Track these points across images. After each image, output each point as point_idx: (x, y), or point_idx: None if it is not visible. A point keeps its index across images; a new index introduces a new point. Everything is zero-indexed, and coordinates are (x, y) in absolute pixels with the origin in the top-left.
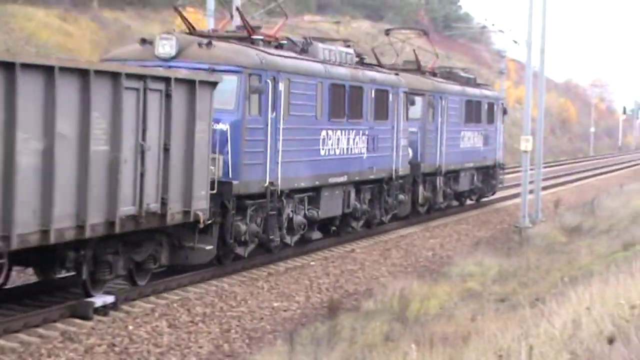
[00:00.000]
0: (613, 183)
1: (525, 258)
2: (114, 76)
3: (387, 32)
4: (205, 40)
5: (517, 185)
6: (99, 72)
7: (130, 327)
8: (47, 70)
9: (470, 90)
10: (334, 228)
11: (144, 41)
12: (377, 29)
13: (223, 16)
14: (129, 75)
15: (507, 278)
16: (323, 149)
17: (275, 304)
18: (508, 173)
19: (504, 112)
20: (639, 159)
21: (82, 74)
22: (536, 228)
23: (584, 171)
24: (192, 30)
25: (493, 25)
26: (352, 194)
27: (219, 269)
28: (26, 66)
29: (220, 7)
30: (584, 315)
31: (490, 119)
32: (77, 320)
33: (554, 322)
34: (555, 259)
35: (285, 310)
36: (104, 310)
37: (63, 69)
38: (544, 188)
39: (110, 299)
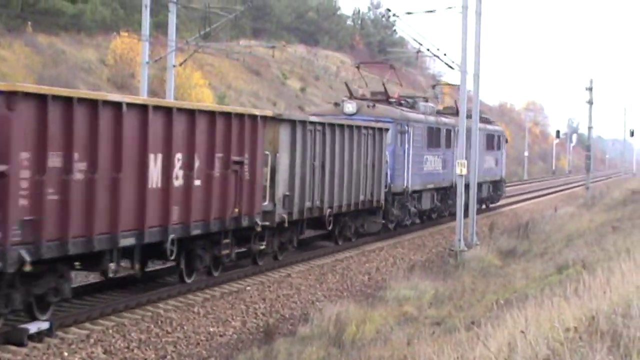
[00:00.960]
0: (547, 207)
1: (460, 281)
2: (369, 128)
3: (358, 66)
4: (371, 104)
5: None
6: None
7: (65, 354)
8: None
9: (490, 127)
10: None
11: (336, 104)
12: (312, 54)
13: (157, 41)
14: (366, 128)
15: (443, 301)
16: (425, 167)
17: (212, 329)
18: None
19: (505, 141)
20: (572, 182)
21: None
22: (471, 251)
23: (518, 195)
24: (351, 95)
25: (428, 50)
26: (435, 196)
27: (155, 294)
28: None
29: (154, 32)
30: (519, 339)
31: (499, 147)
32: (12, 347)
33: (490, 345)
34: (490, 282)
35: (221, 336)
36: (38, 336)
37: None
38: (479, 212)
39: (45, 325)
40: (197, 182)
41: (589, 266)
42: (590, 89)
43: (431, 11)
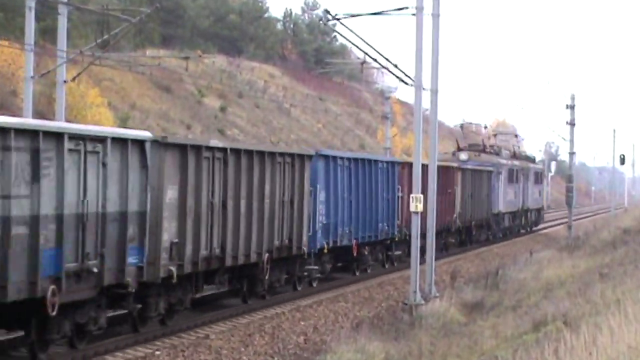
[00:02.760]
0: (521, 250)
1: (416, 342)
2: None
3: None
4: (477, 153)
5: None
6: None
7: None
8: None
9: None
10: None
11: (453, 153)
12: (234, 66)
13: (45, 51)
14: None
15: None
16: (507, 197)
17: None
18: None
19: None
20: (551, 220)
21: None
22: (430, 305)
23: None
24: (458, 147)
25: (375, 60)
26: (511, 217)
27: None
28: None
29: (41, 40)
30: None
31: (541, 181)
32: None
33: None
34: (452, 342)
35: None
36: None
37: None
38: (438, 257)
39: None
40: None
41: (572, 322)
42: (572, 107)
43: (378, 13)
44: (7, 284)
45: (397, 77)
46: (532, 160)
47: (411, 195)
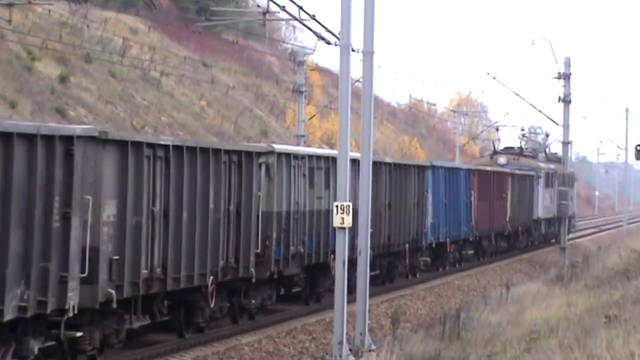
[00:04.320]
0: (493, 281)
1: None
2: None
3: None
4: (516, 157)
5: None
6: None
7: None
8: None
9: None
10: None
11: (491, 157)
12: (79, 16)
13: None
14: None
15: None
16: (547, 200)
17: None
18: None
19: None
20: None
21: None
22: None
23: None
24: (494, 150)
25: (284, 9)
26: (550, 223)
27: None
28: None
29: None
30: None
31: (572, 185)
32: None
33: None
34: None
35: None
36: None
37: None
38: (375, 293)
39: None
40: None
41: None
42: (567, 77)
43: None
44: None
45: (315, 33)
46: (558, 160)
47: (335, 204)
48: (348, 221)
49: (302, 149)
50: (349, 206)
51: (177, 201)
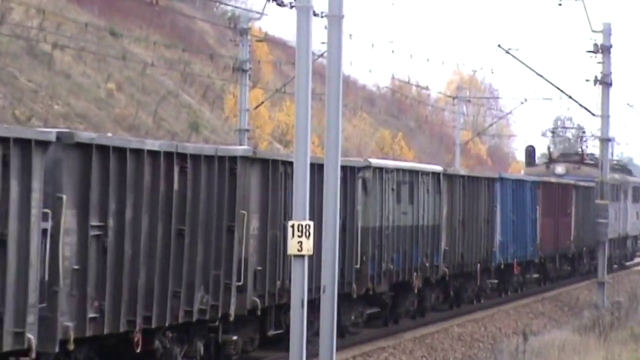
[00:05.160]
0: (506, 327)
1: None
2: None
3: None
4: (577, 166)
5: None
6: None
7: None
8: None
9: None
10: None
11: (547, 166)
12: None
13: None
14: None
15: None
16: (612, 216)
17: None
18: None
19: None
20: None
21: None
22: None
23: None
24: (550, 158)
25: None
26: (615, 245)
27: None
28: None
29: None
30: None
31: (638, 198)
32: None
33: None
34: None
35: None
36: None
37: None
38: (344, 346)
39: None
40: None
41: None
42: (605, 50)
43: None
44: None
45: None
46: (628, 170)
47: (289, 223)
48: (308, 246)
49: (391, 163)
50: (309, 227)
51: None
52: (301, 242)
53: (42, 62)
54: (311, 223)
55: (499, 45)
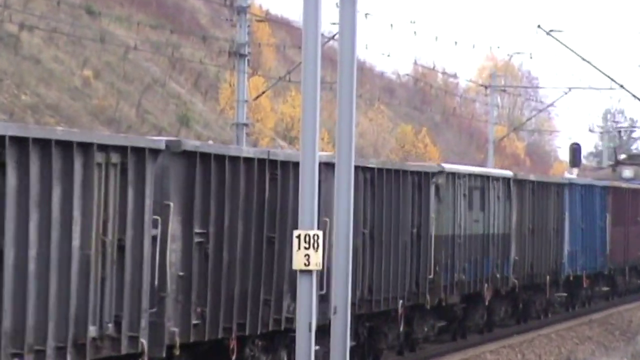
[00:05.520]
0: (549, 352)
1: None
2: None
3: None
4: None
5: None
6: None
7: None
8: None
9: None
10: None
11: (613, 169)
12: None
13: None
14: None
15: None
16: None
17: None
18: None
19: None
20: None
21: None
22: None
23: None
24: (617, 161)
25: None
26: None
27: None
28: None
29: None
30: None
31: None
32: None
33: None
34: None
35: None
36: None
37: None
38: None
39: None
40: None
41: None
42: None
43: None
44: None
45: None
46: None
47: (295, 233)
48: (316, 260)
49: (462, 168)
50: (317, 237)
51: (379, 223)
52: (309, 255)
53: (7, 45)
54: (320, 233)
55: (538, 26)
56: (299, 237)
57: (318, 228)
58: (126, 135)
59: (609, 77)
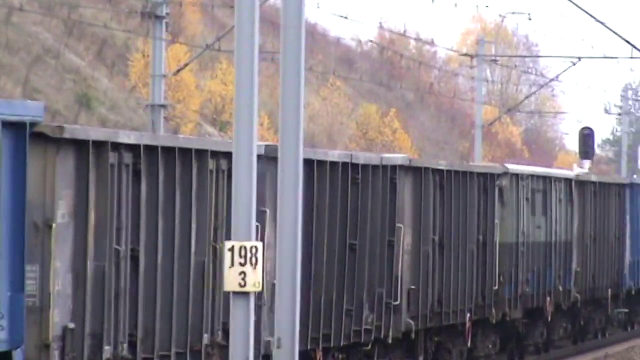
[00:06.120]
0: None
1: None
2: None
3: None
4: None
5: None
6: None
7: None
8: None
9: None
10: None
11: None
12: None
13: None
14: None
15: None
16: None
17: None
18: None
19: None
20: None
21: None
22: None
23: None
24: None
25: None
26: None
27: None
28: None
29: None
30: None
31: None
32: None
33: None
34: None
35: None
36: None
37: None
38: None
39: None
40: None
41: None
42: None
43: None
44: None
45: None
46: None
47: (227, 245)
48: (254, 279)
49: (525, 168)
50: (256, 250)
51: (448, 229)
52: (245, 273)
53: None
54: (259, 245)
55: None
56: (231, 249)
57: (394, 236)
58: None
59: (629, 42)
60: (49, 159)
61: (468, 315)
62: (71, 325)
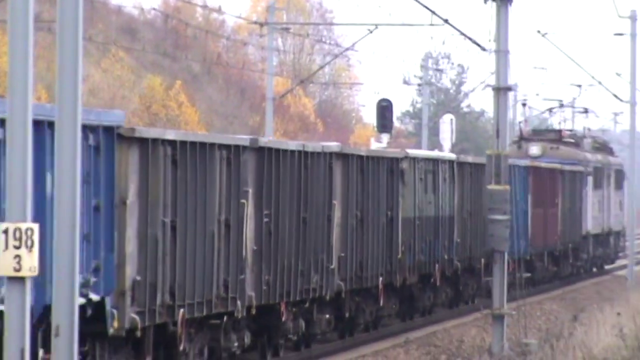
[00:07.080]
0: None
1: None
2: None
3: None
4: (555, 145)
5: None
6: None
7: None
8: None
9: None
10: None
11: (519, 145)
12: None
13: None
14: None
15: None
16: (596, 208)
17: None
18: None
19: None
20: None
21: None
22: None
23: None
24: (521, 136)
25: None
26: (598, 242)
27: None
28: None
29: None
30: None
31: (622, 185)
32: None
33: None
34: None
35: None
36: None
37: None
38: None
39: None
40: None
41: None
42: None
43: None
44: None
45: None
46: (609, 149)
47: (2, 227)
48: (30, 264)
49: (421, 152)
50: (32, 232)
51: (366, 206)
52: (20, 257)
53: None
54: (35, 227)
55: None
56: (6, 231)
57: (330, 212)
58: (233, 137)
59: (428, 9)
60: (124, 153)
61: (380, 279)
62: (138, 278)
